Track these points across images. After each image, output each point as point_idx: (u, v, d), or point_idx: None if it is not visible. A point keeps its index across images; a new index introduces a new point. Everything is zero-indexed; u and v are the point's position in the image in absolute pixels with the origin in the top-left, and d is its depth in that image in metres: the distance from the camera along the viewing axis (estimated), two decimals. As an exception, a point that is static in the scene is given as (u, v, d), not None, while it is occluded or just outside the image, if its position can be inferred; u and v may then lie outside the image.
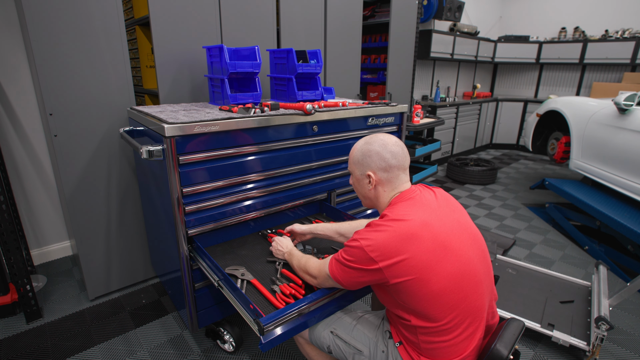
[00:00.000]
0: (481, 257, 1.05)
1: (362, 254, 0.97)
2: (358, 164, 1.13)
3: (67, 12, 1.68)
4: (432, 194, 1.10)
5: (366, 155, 1.10)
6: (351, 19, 2.90)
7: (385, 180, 1.09)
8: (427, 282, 0.94)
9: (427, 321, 0.97)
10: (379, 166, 1.09)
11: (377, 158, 1.09)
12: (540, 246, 2.87)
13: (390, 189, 1.10)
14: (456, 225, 1.03)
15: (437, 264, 0.95)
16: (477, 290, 1.00)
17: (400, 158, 1.09)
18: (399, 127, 2.23)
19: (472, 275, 0.99)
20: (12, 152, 2.25)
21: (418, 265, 0.94)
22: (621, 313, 2.08)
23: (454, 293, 0.96)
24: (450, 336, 0.97)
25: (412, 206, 1.03)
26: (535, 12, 5.98)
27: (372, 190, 1.12)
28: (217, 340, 1.76)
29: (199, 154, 1.43)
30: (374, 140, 1.11)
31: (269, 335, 1.03)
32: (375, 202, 1.15)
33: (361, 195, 1.18)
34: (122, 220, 2.08)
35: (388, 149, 1.09)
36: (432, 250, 0.95)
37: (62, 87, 1.73)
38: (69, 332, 1.85)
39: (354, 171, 1.16)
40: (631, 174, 2.59)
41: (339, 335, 1.17)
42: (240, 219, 1.63)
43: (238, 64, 1.76)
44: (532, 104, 5.73)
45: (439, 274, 0.95)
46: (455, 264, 0.97)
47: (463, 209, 1.12)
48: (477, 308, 1.01)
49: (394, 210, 1.02)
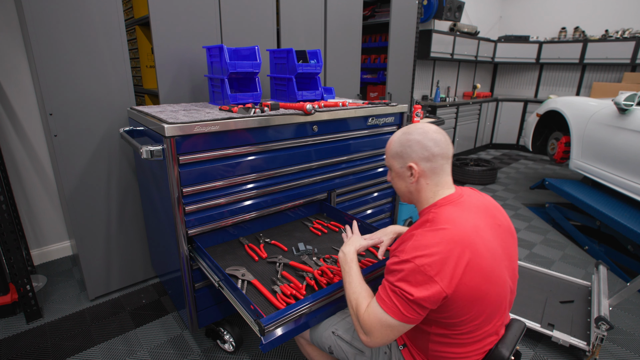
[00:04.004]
0: (513, 276, 1.00)
1: (420, 276, 0.84)
2: (397, 157, 1.02)
3: (67, 12, 1.67)
4: (478, 195, 1.04)
5: (405, 145, 0.99)
6: (351, 19, 2.90)
7: (429, 171, 0.98)
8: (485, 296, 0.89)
9: (446, 329, 0.93)
10: (421, 156, 0.98)
11: (419, 147, 0.97)
12: (540, 246, 2.87)
13: (434, 182, 0.99)
14: (499, 231, 0.97)
15: (492, 274, 0.89)
16: (504, 311, 0.98)
17: (444, 145, 0.98)
18: (399, 127, 2.23)
19: (503, 297, 0.95)
20: (12, 152, 2.24)
21: (478, 277, 0.87)
22: (621, 313, 2.08)
23: (487, 313, 0.92)
24: (463, 349, 0.95)
25: (462, 211, 0.94)
26: (535, 12, 5.98)
27: (414, 183, 1.01)
28: (217, 340, 1.76)
29: (199, 154, 1.43)
30: (412, 130, 1.00)
31: (270, 335, 1.03)
32: (417, 197, 1.03)
33: (401, 190, 1.07)
34: (122, 220, 2.08)
35: (429, 137, 0.97)
36: (489, 258, 0.89)
37: (62, 87, 1.73)
38: (69, 332, 1.85)
39: (392, 165, 1.05)
40: (631, 174, 2.59)
41: (340, 335, 1.16)
42: (240, 219, 1.63)
43: (238, 64, 1.76)
44: (532, 104, 5.73)
45: (490, 293, 0.89)
46: (500, 280, 0.92)
47: (505, 214, 1.05)
48: (498, 328, 0.98)
49: (441, 214, 0.93)
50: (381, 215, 2.36)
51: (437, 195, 1.00)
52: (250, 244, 1.61)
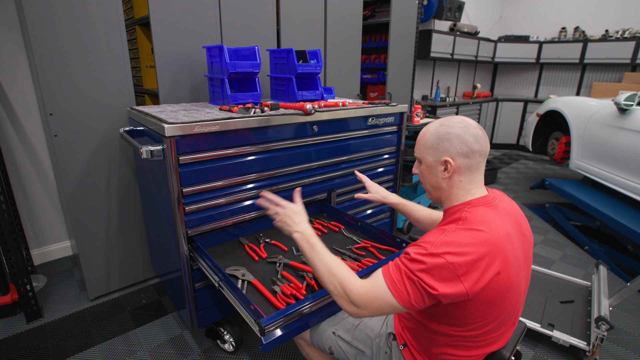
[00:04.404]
0: (526, 286, 0.99)
1: (447, 273, 0.81)
2: (432, 149, 0.96)
3: (67, 12, 1.67)
4: (508, 201, 1.01)
5: (444, 138, 0.93)
6: (351, 19, 2.90)
7: (465, 167, 0.93)
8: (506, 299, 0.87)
9: (455, 329, 0.92)
10: (459, 151, 0.92)
11: (458, 141, 0.92)
12: (540, 246, 2.87)
13: (467, 180, 0.94)
14: (524, 241, 0.95)
15: (516, 283, 0.88)
16: (515, 320, 0.99)
17: (484, 143, 0.93)
18: (399, 127, 2.23)
19: (518, 306, 0.96)
20: (12, 152, 2.24)
21: (501, 284, 0.85)
22: (621, 313, 2.08)
23: (502, 319, 0.92)
24: (467, 353, 0.94)
25: (496, 214, 0.91)
26: (535, 12, 5.98)
27: (446, 179, 0.96)
28: (217, 340, 1.76)
29: (199, 154, 1.43)
30: (453, 122, 0.95)
31: (270, 336, 1.03)
32: (447, 194, 0.98)
33: (430, 185, 1.00)
34: (122, 220, 2.08)
35: (470, 132, 0.92)
36: (514, 267, 0.88)
37: (62, 87, 1.73)
38: (69, 332, 1.85)
39: (424, 157, 0.98)
40: (631, 174, 2.59)
41: (340, 336, 1.16)
42: (240, 219, 1.63)
43: (238, 64, 1.76)
44: (532, 104, 5.73)
45: (509, 299, 0.89)
46: (519, 289, 0.91)
47: (528, 223, 1.02)
48: (505, 336, 0.98)
49: (476, 214, 0.89)
50: (381, 215, 2.37)
51: (469, 194, 0.95)
52: (250, 244, 1.61)
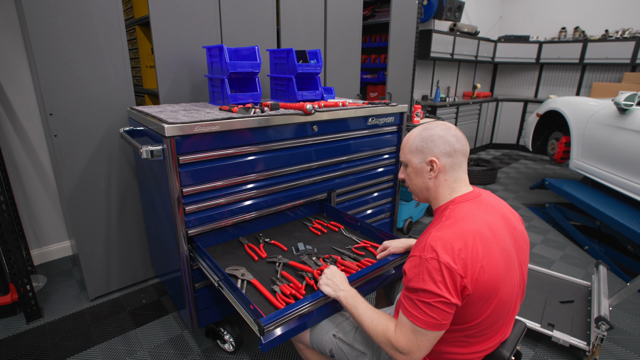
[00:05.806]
0: (522, 281, 0.99)
1: (447, 273, 0.84)
2: (417, 152, 1.02)
3: (67, 12, 1.68)
4: (496, 198, 1.04)
5: (427, 140, 1.00)
6: (351, 19, 2.90)
7: (449, 166, 0.99)
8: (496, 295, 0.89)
9: (455, 327, 0.93)
10: (443, 151, 0.98)
11: (441, 142, 0.98)
12: (540, 246, 2.87)
13: (452, 178, 1.00)
14: (514, 233, 0.98)
15: (506, 275, 0.90)
16: (512, 314, 0.99)
17: (464, 143, 1.00)
18: (399, 127, 2.23)
19: (514, 298, 0.96)
20: (12, 152, 2.25)
21: (491, 272, 0.87)
22: (621, 313, 2.08)
23: (497, 314, 0.93)
24: (467, 350, 0.95)
25: (479, 208, 0.95)
26: (535, 12, 5.98)
27: (432, 179, 1.01)
28: (217, 340, 1.76)
29: (199, 154, 1.43)
30: (434, 125, 1.02)
31: (269, 335, 1.03)
32: (434, 194, 1.03)
33: (418, 187, 1.06)
34: (122, 220, 2.08)
35: (452, 133, 0.99)
36: (502, 257, 0.90)
37: (62, 87, 1.73)
38: (69, 332, 1.85)
39: (410, 160, 1.04)
40: (631, 174, 2.59)
41: (341, 338, 1.16)
42: (240, 219, 1.63)
43: (238, 64, 1.76)
44: (532, 104, 5.73)
45: (504, 290, 0.90)
46: (512, 280, 0.92)
47: (520, 220, 1.05)
48: (504, 331, 0.98)
49: (459, 210, 0.94)
50: (381, 215, 2.37)
51: (455, 192, 1.00)
52: (250, 244, 1.61)
